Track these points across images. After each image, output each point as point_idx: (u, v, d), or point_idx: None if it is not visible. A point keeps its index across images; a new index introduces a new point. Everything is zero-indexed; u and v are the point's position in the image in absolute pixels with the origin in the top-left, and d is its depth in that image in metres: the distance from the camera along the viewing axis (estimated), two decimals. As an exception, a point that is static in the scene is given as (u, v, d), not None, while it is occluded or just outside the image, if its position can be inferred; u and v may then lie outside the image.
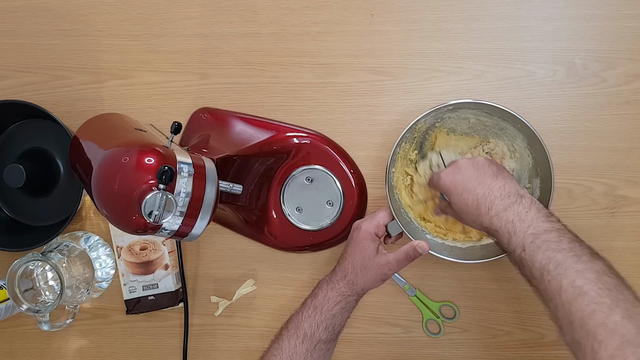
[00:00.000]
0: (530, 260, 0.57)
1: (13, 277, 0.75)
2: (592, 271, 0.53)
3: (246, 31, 0.82)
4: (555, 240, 0.57)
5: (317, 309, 0.70)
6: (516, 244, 0.58)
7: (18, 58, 0.86)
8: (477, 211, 0.62)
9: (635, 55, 0.76)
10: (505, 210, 0.61)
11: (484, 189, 0.63)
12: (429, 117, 0.74)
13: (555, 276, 0.54)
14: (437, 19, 0.78)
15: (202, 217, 0.60)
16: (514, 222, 0.59)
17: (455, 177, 0.66)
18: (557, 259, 0.55)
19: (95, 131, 0.68)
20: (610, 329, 0.49)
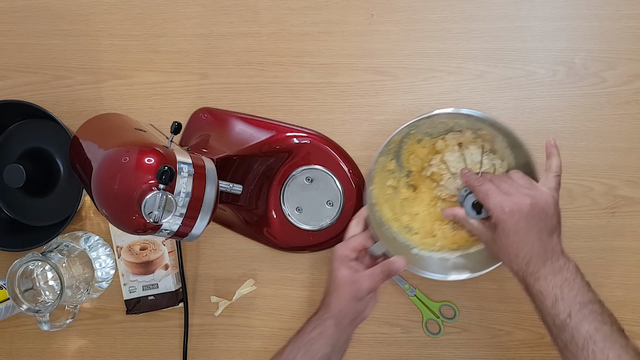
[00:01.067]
0: (575, 327, 0.57)
1: (13, 277, 0.75)
2: (633, 348, 0.57)
3: (246, 31, 0.82)
4: (600, 312, 0.58)
5: (298, 334, 0.70)
6: (562, 309, 0.59)
7: (18, 58, 0.86)
8: (526, 267, 0.61)
9: (635, 55, 0.76)
10: (554, 275, 0.60)
11: (539, 248, 0.61)
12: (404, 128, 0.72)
13: (602, 348, 0.56)
14: (437, 19, 0.78)
15: (202, 217, 0.60)
16: (562, 288, 0.59)
17: (519, 223, 0.61)
18: (604, 331, 0.57)
19: (95, 131, 0.68)
20: None
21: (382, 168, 0.76)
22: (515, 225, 0.61)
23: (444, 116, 0.72)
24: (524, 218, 0.61)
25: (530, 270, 0.61)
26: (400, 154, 0.77)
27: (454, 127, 0.75)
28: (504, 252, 0.63)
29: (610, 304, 0.77)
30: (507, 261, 0.63)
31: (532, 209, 0.61)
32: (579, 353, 0.57)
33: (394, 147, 0.76)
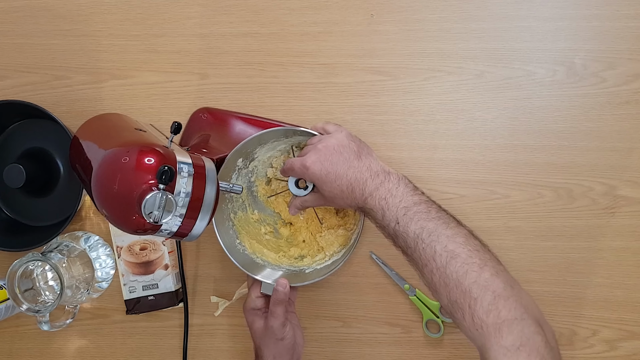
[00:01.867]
0: (404, 232, 0.61)
1: (13, 277, 0.75)
2: (461, 235, 0.59)
3: (246, 31, 0.82)
4: (425, 211, 0.61)
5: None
6: (390, 219, 0.62)
7: (18, 58, 0.86)
8: (352, 195, 0.65)
9: (635, 55, 0.76)
10: (377, 189, 0.63)
11: (354, 172, 0.65)
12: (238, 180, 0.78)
13: (429, 243, 0.58)
14: (437, 18, 0.78)
15: (202, 217, 0.60)
16: (386, 199, 0.62)
17: (324, 165, 0.65)
18: (429, 228, 0.59)
19: (95, 131, 0.68)
20: (482, 286, 0.55)
21: (246, 222, 0.79)
22: (322, 170, 0.65)
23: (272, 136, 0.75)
24: (325, 160, 0.65)
25: (357, 195, 0.64)
26: (257, 201, 0.81)
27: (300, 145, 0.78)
28: (334, 197, 0.66)
29: (609, 304, 0.78)
30: (342, 202, 0.66)
31: (327, 149, 0.65)
32: (414, 254, 0.60)
33: (246, 200, 0.80)
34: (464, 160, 0.79)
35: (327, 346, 0.83)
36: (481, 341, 0.55)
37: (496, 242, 0.79)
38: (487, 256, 0.58)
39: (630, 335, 0.78)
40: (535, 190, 0.78)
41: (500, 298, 0.54)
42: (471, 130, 0.79)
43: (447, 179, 0.79)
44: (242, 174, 0.78)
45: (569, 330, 0.79)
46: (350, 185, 0.65)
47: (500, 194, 0.79)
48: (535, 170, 0.78)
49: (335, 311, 0.83)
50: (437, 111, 0.79)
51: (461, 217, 0.78)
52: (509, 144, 0.78)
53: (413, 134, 0.80)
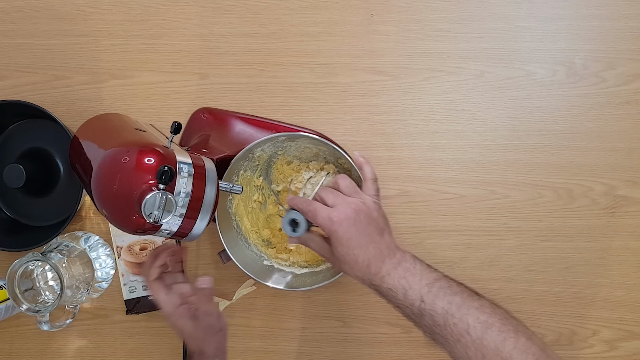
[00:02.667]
0: (431, 309, 0.59)
1: (13, 277, 0.75)
2: (487, 306, 0.58)
3: (246, 31, 0.82)
4: (447, 286, 0.60)
5: None
6: (414, 297, 0.60)
7: (18, 58, 0.86)
8: (368, 270, 0.62)
9: (635, 55, 0.76)
10: (395, 269, 0.61)
11: (374, 249, 0.62)
12: (267, 146, 0.76)
13: (461, 317, 0.57)
14: (436, 18, 0.78)
15: (202, 217, 0.60)
16: (406, 278, 0.60)
17: (350, 228, 0.61)
18: (457, 302, 0.58)
19: (95, 131, 0.68)
20: (522, 350, 0.54)
21: (247, 182, 0.79)
22: (346, 233, 0.61)
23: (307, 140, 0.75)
24: (352, 224, 0.61)
25: (373, 271, 0.62)
26: (269, 173, 0.81)
27: (319, 154, 0.78)
28: (345, 262, 0.63)
29: (609, 304, 0.78)
30: (350, 270, 0.63)
31: (358, 215, 0.62)
32: (444, 331, 0.58)
33: (261, 165, 0.79)
34: (464, 160, 0.79)
35: (327, 346, 0.83)
36: None
37: (496, 242, 0.79)
38: (516, 322, 0.58)
39: (631, 335, 0.78)
40: (536, 190, 0.78)
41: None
42: (471, 130, 0.79)
43: (447, 179, 0.79)
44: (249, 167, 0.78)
45: (569, 330, 0.79)
46: (368, 260, 0.62)
47: (501, 194, 0.79)
48: (536, 170, 0.78)
49: (335, 311, 0.83)
50: (437, 111, 0.79)
51: (461, 217, 0.79)
52: (509, 144, 0.78)
53: (413, 134, 0.80)
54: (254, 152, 0.76)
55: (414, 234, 0.80)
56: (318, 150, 0.77)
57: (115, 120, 0.70)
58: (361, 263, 0.62)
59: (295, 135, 0.75)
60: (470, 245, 0.80)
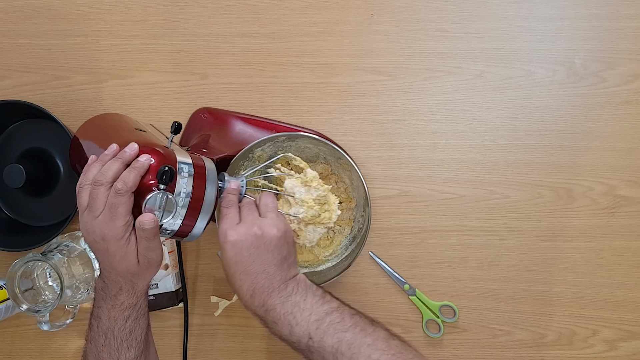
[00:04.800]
0: (319, 347, 0.55)
1: (13, 277, 0.75)
2: (380, 340, 0.55)
3: (246, 31, 0.82)
4: (339, 320, 0.56)
5: (108, 336, 0.61)
6: (301, 334, 0.56)
7: (18, 58, 0.86)
8: (251, 300, 0.59)
9: (635, 55, 0.76)
10: (282, 304, 0.58)
11: (264, 280, 0.58)
12: (267, 146, 0.75)
13: (351, 356, 0.54)
14: (436, 18, 0.78)
15: (202, 218, 0.60)
16: (294, 314, 0.57)
17: (242, 252, 0.58)
18: (347, 339, 0.55)
19: (95, 131, 0.68)
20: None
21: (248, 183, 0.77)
22: (235, 256, 0.58)
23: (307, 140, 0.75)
24: (246, 249, 0.58)
25: (256, 303, 0.59)
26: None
27: (319, 154, 0.77)
28: (231, 282, 0.60)
29: (610, 304, 0.78)
30: (235, 291, 0.60)
31: (258, 240, 0.58)
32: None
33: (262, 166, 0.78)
34: (464, 160, 0.79)
35: (327, 346, 0.83)
36: None
37: (496, 242, 0.79)
38: (410, 355, 0.55)
39: (630, 335, 0.78)
40: (535, 190, 0.78)
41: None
42: (471, 130, 0.79)
43: (447, 179, 0.79)
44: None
45: (569, 330, 0.79)
46: (253, 290, 0.59)
47: (500, 194, 0.79)
48: (535, 170, 0.78)
49: (335, 311, 0.83)
50: (437, 111, 0.79)
51: (461, 217, 0.79)
52: (509, 144, 0.78)
53: (413, 134, 0.80)
54: (254, 152, 0.76)
55: (414, 234, 0.80)
56: (318, 150, 0.77)
57: (115, 120, 0.70)
58: (245, 291, 0.59)
59: (295, 135, 0.75)
60: (470, 245, 0.80)
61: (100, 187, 0.56)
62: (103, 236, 0.56)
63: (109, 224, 0.56)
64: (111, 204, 0.56)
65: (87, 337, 0.62)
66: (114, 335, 0.60)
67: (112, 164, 0.57)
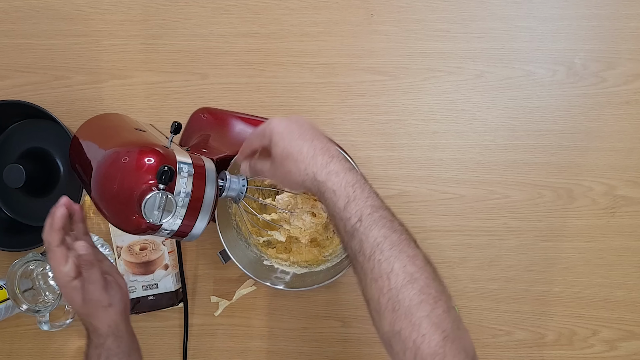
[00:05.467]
0: (364, 233, 0.52)
1: (13, 277, 0.75)
2: (420, 258, 0.52)
3: (246, 31, 0.82)
4: (390, 219, 0.53)
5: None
6: (353, 212, 0.53)
7: (18, 58, 0.86)
8: (314, 160, 0.55)
9: (635, 55, 0.76)
10: (345, 172, 0.54)
11: (321, 143, 0.56)
12: None
13: (388, 257, 0.51)
14: (437, 18, 0.78)
15: (201, 218, 0.60)
16: (354, 188, 0.54)
17: (290, 124, 0.57)
18: (392, 239, 0.52)
19: (95, 131, 0.68)
20: (434, 323, 0.48)
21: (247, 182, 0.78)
22: (288, 127, 0.57)
23: None
24: (292, 122, 0.58)
25: (319, 162, 0.55)
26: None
27: None
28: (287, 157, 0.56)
29: (609, 304, 0.78)
30: (295, 167, 0.56)
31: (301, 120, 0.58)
32: (366, 264, 0.52)
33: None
34: (464, 160, 0.79)
35: (327, 346, 0.83)
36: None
37: (496, 242, 0.79)
38: (441, 287, 0.51)
39: (630, 335, 0.78)
40: (535, 190, 0.78)
41: (448, 340, 0.48)
42: (471, 130, 0.79)
43: (447, 179, 0.79)
44: None
45: (569, 330, 0.79)
46: (314, 150, 0.55)
47: (500, 194, 0.79)
48: (535, 170, 0.78)
49: (335, 311, 0.83)
50: (437, 111, 0.79)
51: (461, 217, 0.79)
52: (509, 144, 0.78)
53: (413, 134, 0.80)
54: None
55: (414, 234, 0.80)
56: None
57: (115, 120, 0.70)
58: (306, 153, 0.55)
59: None
60: (470, 245, 0.80)
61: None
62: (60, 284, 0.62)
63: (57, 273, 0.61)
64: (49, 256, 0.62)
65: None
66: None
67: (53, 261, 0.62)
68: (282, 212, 0.78)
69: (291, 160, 0.56)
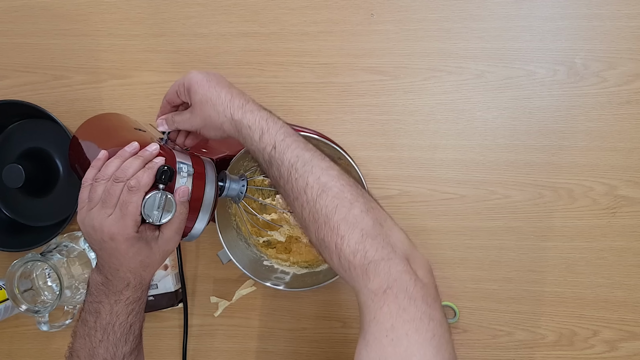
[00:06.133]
0: (279, 158, 0.57)
1: (12, 278, 0.75)
2: (335, 169, 0.56)
3: (246, 31, 0.82)
4: (304, 142, 0.58)
5: (107, 330, 0.59)
6: (268, 141, 0.57)
7: (17, 58, 0.86)
8: (231, 103, 0.60)
9: (635, 55, 0.76)
10: (259, 110, 0.60)
11: (237, 90, 0.62)
12: None
13: (302, 174, 0.55)
14: (437, 18, 0.78)
15: (201, 218, 0.60)
16: (267, 120, 0.59)
17: (208, 74, 0.62)
18: (305, 157, 0.56)
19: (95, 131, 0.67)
20: (351, 223, 0.51)
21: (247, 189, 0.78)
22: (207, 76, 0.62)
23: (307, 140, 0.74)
24: (212, 74, 0.63)
25: (235, 105, 0.60)
26: None
27: None
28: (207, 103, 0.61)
29: (610, 304, 0.78)
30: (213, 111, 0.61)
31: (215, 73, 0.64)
32: (287, 185, 0.56)
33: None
34: (465, 160, 0.79)
35: (327, 347, 0.83)
36: (352, 283, 0.52)
37: (497, 242, 0.79)
38: (359, 192, 0.54)
39: (631, 335, 0.78)
40: (536, 191, 0.78)
41: (368, 237, 0.51)
42: (471, 130, 0.79)
43: (448, 179, 0.79)
44: None
45: (570, 330, 0.79)
46: (231, 95, 0.61)
47: (501, 194, 0.79)
48: (536, 170, 0.78)
49: (336, 312, 0.83)
50: (437, 111, 0.79)
51: (462, 217, 0.79)
52: (510, 144, 0.78)
53: (413, 134, 0.79)
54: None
55: (415, 234, 0.80)
56: None
57: (114, 120, 0.70)
58: (224, 97, 0.60)
59: None
60: (471, 246, 0.79)
61: (119, 184, 0.55)
62: (112, 235, 0.55)
63: (119, 223, 0.55)
64: (123, 201, 0.55)
65: (78, 333, 0.60)
66: (113, 330, 0.59)
67: (133, 161, 0.56)
68: (282, 212, 0.78)
69: (210, 104, 0.61)
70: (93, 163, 0.59)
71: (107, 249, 0.57)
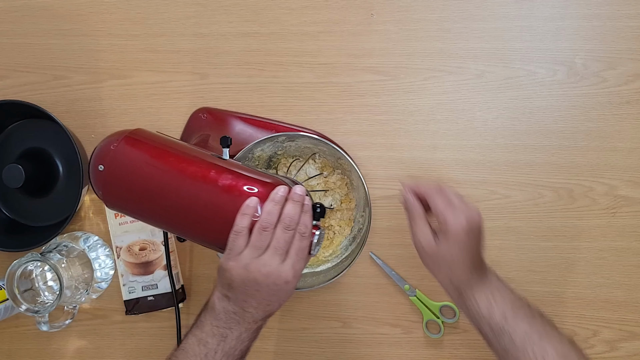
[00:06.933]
0: (512, 329, 0.59)
1: (12, 278, 0.75)
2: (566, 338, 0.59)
3: (246, 31, 0.82)
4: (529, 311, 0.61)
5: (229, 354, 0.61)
6: (497, 314, 0.60)
7: (17, 58, 0.86)
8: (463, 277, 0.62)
9: (635, 55, 0.76)
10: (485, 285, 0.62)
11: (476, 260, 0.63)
12: (266, 146, 0.76)
13: (541, 343, 0.58)
14: (437, 18, 0.78)
15: None
16: (493, 294, 0.62)
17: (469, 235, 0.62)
18: (537, 328, 0.59)
19: (159, 152, 0.65)
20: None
21: None
22: (466, 239, 0.61)
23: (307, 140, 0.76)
24: (472, 232, 0.62)
25: (466, 279, 0.62)
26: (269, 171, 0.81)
27: (319, 154, 0.78)
28: (446, 261, 0.62)
29: (610, 304, 0.78)
30: (446, 270, 0.63)
31: (477, 226, 0.62)
32: (520, 354, 0.58)
33: (261, 164, 0.79)
34: (464, 160, 0.79)
35: (327, 347, 0.83)
36: None
37: (497, 243, 0.79)
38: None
39: (631, 335, 0.78)
40: (536, 191, 0.78)
41: None
42: (471, 130, 0.79)
43: (448, 179, 0.79)
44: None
45: (570, 330, 0.79)
46: (469, 269, 0.62)
47: (501, 194, 0.79)
48: (536, 170, 0.78)
49: (336, 312, 0.83)
50: (437, 111, 0.79)
51: (461, 218, 0.79)
52: (510, 144, 0.78)
53: (413, 134, 0.79)
54: (253, 152, 0.75)
55: (414, 234, 0.80)
56: (318, 151, 0.77)
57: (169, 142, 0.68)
58: (462, 269, 0.62)
59: (295, 135, 0.75)
60: (471, 246, 0.79)
61: (291, 232, 0.59)
62: (287, 279, 0.58)
63: (296, 267, 0.59)
64: (299, 248, 0.59)
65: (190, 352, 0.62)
66: (234, 354, 0.61)
67: (294, 207, 0.59)
68: None
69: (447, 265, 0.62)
70: (244, 210, 0.59)
71: (269, 291, 0.59)
